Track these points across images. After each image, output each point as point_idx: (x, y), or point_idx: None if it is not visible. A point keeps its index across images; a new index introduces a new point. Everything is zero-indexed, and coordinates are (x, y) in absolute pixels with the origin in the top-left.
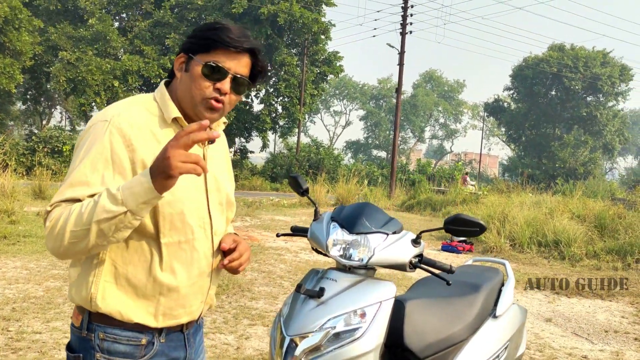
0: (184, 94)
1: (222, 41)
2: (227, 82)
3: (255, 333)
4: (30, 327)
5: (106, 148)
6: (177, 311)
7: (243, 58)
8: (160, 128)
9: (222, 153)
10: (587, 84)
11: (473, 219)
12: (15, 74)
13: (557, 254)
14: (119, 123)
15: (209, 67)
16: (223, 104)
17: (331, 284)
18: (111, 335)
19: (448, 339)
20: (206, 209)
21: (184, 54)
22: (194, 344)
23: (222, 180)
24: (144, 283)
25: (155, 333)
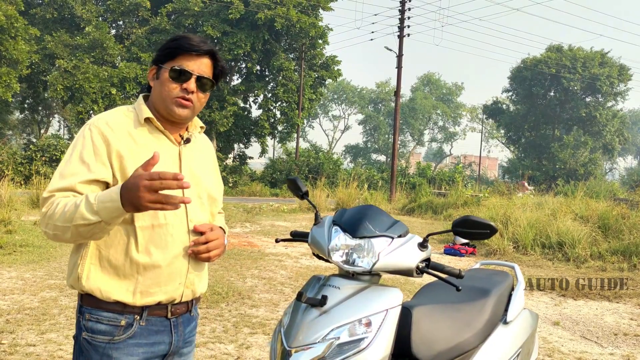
0: (157, 98)
1: (184, 47)
2: (192, 82)
3: (256, 342)
4: (24, 340)
5: (89, 144)
6: (153, 289)
7: (204, 60)
8: (134, 128)
9: (204, 154)
10: (586, 84)
11: (483, 221)
12: (12, 82)
13: (562, 255)
14: (98, 124)
15: (174, 71)
16: (191, 102)
17: (334, 291)
18: (95, 315)
19: (458, 347)
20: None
21: (154, 65)
22: (182, 333)
23: (200, 175)
24: (122, 263)
25: (135, 315)
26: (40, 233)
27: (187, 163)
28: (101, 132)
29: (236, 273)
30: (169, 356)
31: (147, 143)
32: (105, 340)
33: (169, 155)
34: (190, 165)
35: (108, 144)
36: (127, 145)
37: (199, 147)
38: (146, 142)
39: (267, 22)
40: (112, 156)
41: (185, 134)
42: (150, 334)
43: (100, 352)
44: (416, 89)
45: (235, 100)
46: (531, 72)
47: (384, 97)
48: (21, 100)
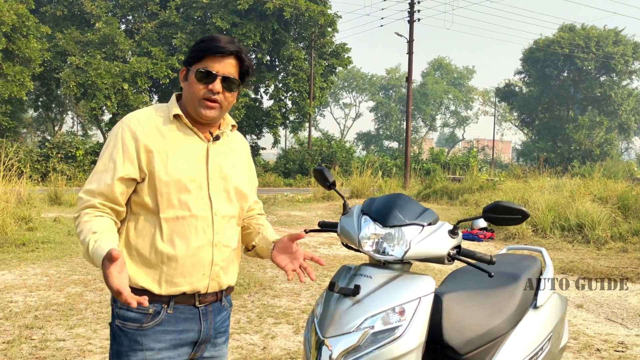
0: (187, 99)
1: (209, 49)
2: (218, 83)
3: (280, 332)
4: (54, 335)
5: (119, 141)
6: (178, 279)
7: (230, 61)
8: (164, 124)
9: (236, 151)
10: (600, 63)
11: (515, 206)
12: (26, 81)
13: (582, 237)
14: (129, 121)
15: (200, 73)
16: (218, 102)
17: (366, 280)
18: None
19: (489, 333)
20: (207, 194)
21: (184, 67)
22: (212, 322)
23: (228, 171)
24: (148, 253)
25: (162, 304)
26: (60, 229)
27: (215, 159)
28: (131, 129)
29: (256, 264)
30: (200, 344)
31: (176, 139)
32: (134, 327)
33: (197, 151)
34: (217, 161)
35: (137, 139)
36: (155, 140)
37: (231, 144)
38: (174, 138)
39: (276, 12)
40: (140, 151)
41: (216, 131)
42: (178, 322)
43: (130, 338)
44: (427, 73)
45: (246, 92)
46: (544, 53)
47: (394, 83)
48: (35, 98)
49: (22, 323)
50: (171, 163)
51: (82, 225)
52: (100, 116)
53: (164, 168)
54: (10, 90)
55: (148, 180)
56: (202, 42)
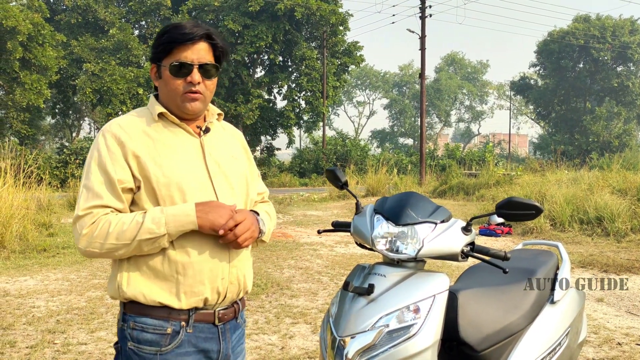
0: (166, 97)
1: (176, 39)
2: (196, 73)
3: (298, 332)
4: (76, 339)
5: (104, 149)
6: (198, 288)
7: (201, 46)
8: (149, 125)
9: (228, 140)
10: (616, 53)
11: (528, 201)
12: (43, 89)
13: (601, 230)
14: (110, 128)
15: (174, 67)
16: (200, 92)
17: (380, 279)
18: (139, 324)
19: (506, 330)
20: (212, 191)
21: (154, 64)
22: (229, 340)
23: (226, 163)
24: (160, 264)
25: (181, 322)
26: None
27: (211, 153)
28: (114, 136)
29: (273, 264)
30: None
31: (164, 138)
32: (153, 351)
33: (191, 147)
34: (213, 154)
35: (122, 145)
36: (143, 143)
37: (222, 134)
38: (163, 137)
39: (287, 12)
40: (128, 157)
41: (203, 124)
42: (199, 342)
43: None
44: (440, 69)
45: (259, 93)
46: (558, 44)
47: (407, 79)
48: (52, 105)
49: (45, 328)
50: (166, 164)
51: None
52: None
53: (160, 170)
54: (28, 99)
55: (144, 186)
56: (165, 32)
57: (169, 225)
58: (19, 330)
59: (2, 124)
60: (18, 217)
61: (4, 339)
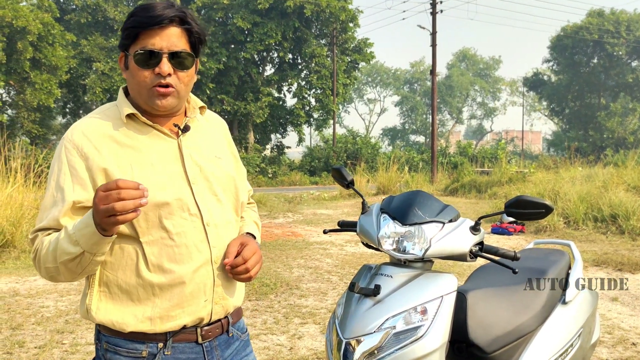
0: (133, 91)
1: (143, 23)
2: (165, 63)
3: (307, 332)
4: (84, 339)
5: (64, 164)
6: (175, 312)
7: (172, 31)
8: (116, 129)
9: (211, 137)
10: (631, 48)
11: (537, 200)
12: (53, 89)
13: (615, 228)
14: (72, 137)
15: (139, 55)
16: (172, 86)
17: (386, 280)
18: (112, 345)
19: (516, 331)
20: (192, 200)
21: (122, 52)
22: (219, 357)
23: (210, 165)
24: (134, 286)
25: (158, 343)
26: None
27: (191, 155)
28: (76, 147)
29: (282, 264)
30: None
31: (135, 144)
32: None
33: (167, 152)
34: (194, 157)
35: (86, 158)
36: (110, 153)
37: (205, 130)
38: (133, 142)
39: (297, 10)
40: (94, 170)
41: (184, 120)
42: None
43: None
44: (452, 65)
45: (269, 91)
46: (572, 39)
47: (419, 76)
48: (62, 105)
49: (54, 328)
50: (138, 175)
51: (44, 243)
52: None
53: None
54: (38, 99)
55: None
56: (132, 15)
57: (80, 240)
58: (27, 330)
59: (13, 123)
60: (28, 217)
61: (13, 339)
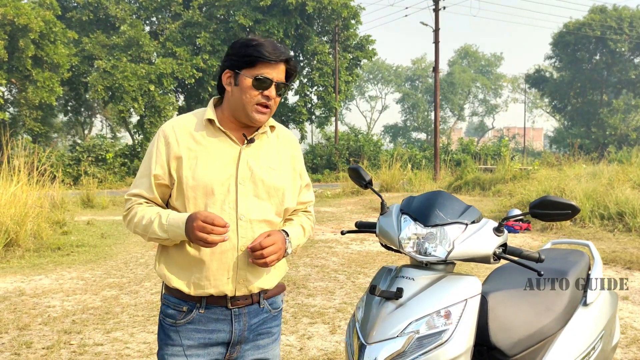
0: (237, 103)
1: (264, 57)
2: (273, 90)
3: (317, 332)
4: (92, 339)
5: (154, 147)
6: (203, 282)
7: (280, 67)
8: (197, 130)
9: (278, 152)
10: (634, 44)
11: (564, 201)
12: (55, 86)
13: (622, 226)
14: (165, 128)
15: (258, 80)
16: (269, 107)
17: (408, 283)
18: (166, 300)
19: (538, 333)
20: (234, 197)
21: (229, 70)
22: (245, 324)
23: (262, 173)
24: (180, 256)
25: (196, 303)
26: (94, 232)
27: (247, 162)
28: (165, 136)
29: (288, 262)
30: (234, 345)
31: (208, 144)
32: (170, 322)
33: (229, 155)
34: (250, 164)
35: (169, 146)
36: (187, 145)
37: (271, 144)
38: (206, 142)
39: (299, 7)
40: (171, 157)
41: (252, 133)
42: (209, 322)
43: (165, 332)
44: (454, 62)
45: None
46: (574, 36)
47: (420, 73)
48: (64, 103)
49: (61, 328)
50: (199, 168)
51: (139, 213)
52: (128, 118)
53: (192, 173)
54: (40, 97)
55: (177, 185)
56: (251, 46)
57: (169, 233)
58: (34, 330)
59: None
60: (32, 215)
61: (20, 339)
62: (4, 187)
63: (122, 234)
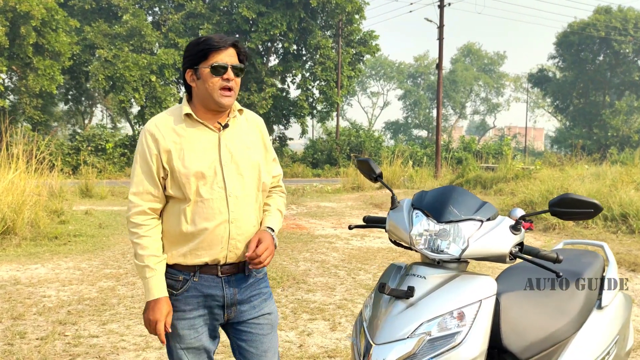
0: (204, 94)
1: (213, 46)
2: (230, 72)
3: (317, 328)
4: (87, 331)
5: (144, 146)
6: (200, 252)
7: (230, 51)
8: (177, 124)
9: (247, 132)
10: (638, 46)
11: (585, 199)
12: (56, 75)
13: (626, 228)
14: (149, 127)
15: (214, 68)
16: (232, 90)
17: (420, 281)
18: (167, 272)
19: (552, 337)
20: (221, 177)
21: (189, 69)
22: (235, 289)
23: (240, 155)
24: (177, 233)
25: (190, 273)
26: (91, 222)
27: (226, 144)
28: (151, 134)
29: (288, 257)
30: (229, 307)
31: (189, 135)
32: (171, 292)
33: (209, 141)
34: (229, 147)
35: (157, 142)
36: (172, 139)
37: (242, 126)
38: (188, 134)
39: (303, 0)
40: (161, 152)
41: (226, 119)
42: (203, 288)
43: (171, 302)
44: (456, 60)
45: (273, 82)
46: (579, 36)
47: (422, 70)
48: (65, 91)
49: (56, 318)
50: (187, 157)
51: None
52: (128, 109)
53: (181, 162)
54: (41, 85)
55: (170, 175)
56: (200, 42)
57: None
58: (29, 320)
59: (15, 109)
60: (30, 203)
61: (14, 329)
62: (2, 175)
63: (120, 225)
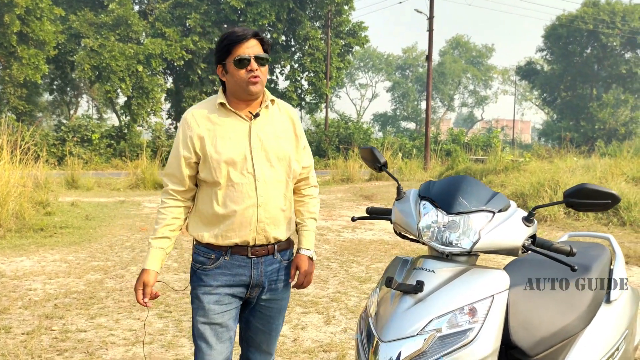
0: (235, 87)
1: (234, 40)
2: (254, 63)
3: (310, 322)
4: (74, 325)
5: (180, 133)
6: (230, 234)
7: (252, 42)
8: (211, 113)
9: (278, 122)
10: (626, 39)
11: (603, 189)
12: (41, 64)
13: (617, 220)
14: (186, 115)
15: (236, 61)
16: (258, 77)
17: (429, 275)
18: (197, 249)
19: (562, 332)
20: (250, 163)
21: (219, 65)
22: (262, 270)
23: (268, 142)
24: (209, 215)
25: (222, 252)
26: (78, 214)
27: (257, 134)
28: (187, 122)
29: None
30: (253, 287)
31: (222, 123)
32: (201, 268)
33: (241, 129)
34: (259, 135)
35: (191, 129)
36: (206, 127)
37: (274, 116)
38: (221, 122)
39: None
40: (194, 138)
41: (257, 109)
42: (232, 267)
43: (198, 276)
44: (445, 52)
45: None
46: (567, 29)
47: (411, 62)
48: (50, 81)
49: (42, 312)
50: (219, 144)
51: (158, 212)
52: (115, 99)
53: (214, 148)
54: (25, 74)
55: (203, 160)
56: (224, 39)
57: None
58: (14, 314)
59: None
60: (14, 194)
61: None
62: None
63: (108, 216)
